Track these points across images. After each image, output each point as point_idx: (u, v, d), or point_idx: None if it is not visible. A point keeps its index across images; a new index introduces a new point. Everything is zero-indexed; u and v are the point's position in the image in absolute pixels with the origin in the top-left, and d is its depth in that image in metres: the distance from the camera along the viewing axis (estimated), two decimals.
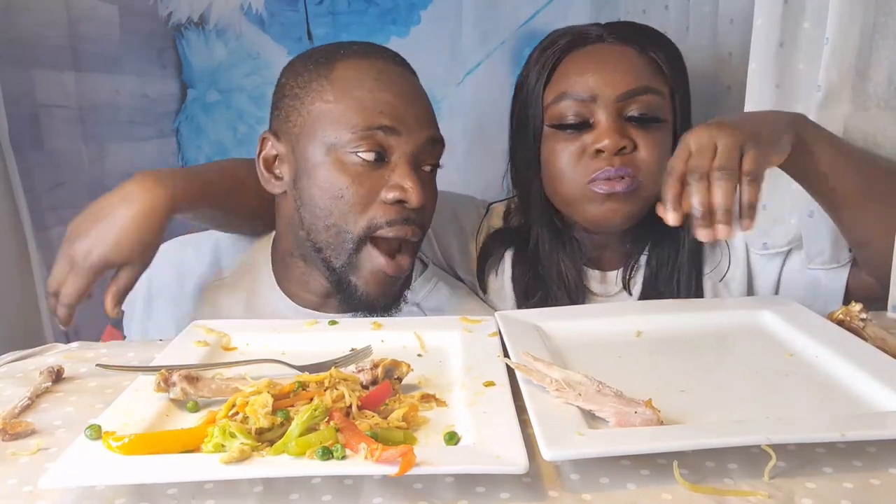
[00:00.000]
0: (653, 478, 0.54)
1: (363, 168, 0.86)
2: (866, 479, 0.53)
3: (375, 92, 0.87)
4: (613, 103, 0.96)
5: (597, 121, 0.97)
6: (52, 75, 1.58)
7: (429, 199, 0.89)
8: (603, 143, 0.95)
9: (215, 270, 1.01)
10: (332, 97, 0.88)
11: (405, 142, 0.86)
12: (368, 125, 0.85)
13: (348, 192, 0.86)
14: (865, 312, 0.77)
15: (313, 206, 0.88)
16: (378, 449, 0.52)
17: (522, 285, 1.06)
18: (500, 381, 0.66)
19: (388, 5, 1.71)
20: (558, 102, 0.99)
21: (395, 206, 0.86)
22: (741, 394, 0.65)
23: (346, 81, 0.88)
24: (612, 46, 1.00)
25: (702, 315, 0.83)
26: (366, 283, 0.88)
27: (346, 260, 0.88)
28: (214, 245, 1.04)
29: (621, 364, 0.71)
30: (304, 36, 1.72)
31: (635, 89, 0.96)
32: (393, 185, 0.85)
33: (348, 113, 0.86)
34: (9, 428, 0.62)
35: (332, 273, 0.90)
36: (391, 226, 0.86)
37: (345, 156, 0.86)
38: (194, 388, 0.64)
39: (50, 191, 1.54)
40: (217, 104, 1.75)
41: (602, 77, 0.97)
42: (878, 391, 0.62)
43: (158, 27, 1.69)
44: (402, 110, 0.87)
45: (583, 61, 0.99)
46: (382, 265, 0.87)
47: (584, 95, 0.97)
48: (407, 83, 0.91)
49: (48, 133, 1.57)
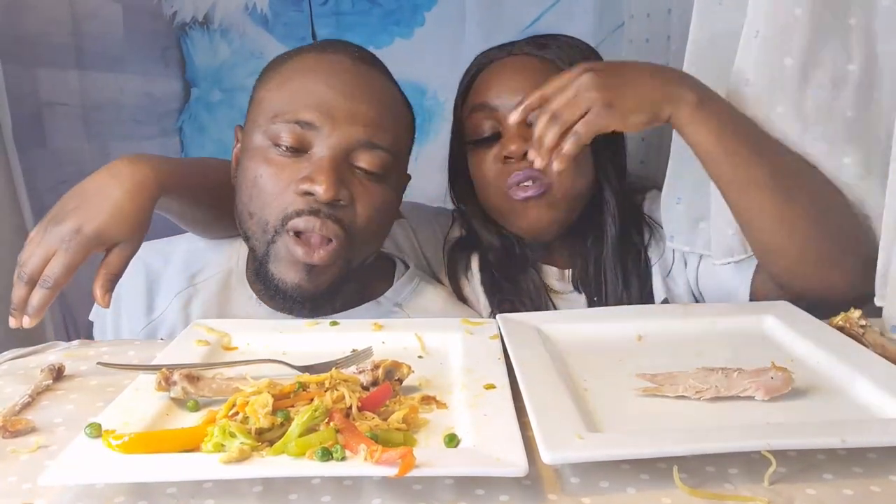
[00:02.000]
0: (653, 482, 0.54)
1: (283, 158, 0.85)
2: (867, 486, 0.53)
3: (310, 85, 0.86)
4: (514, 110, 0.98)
5: (504, 129, 0.99)
6: (55, 73, 1.59)
7: (360, 201, 0.86)
8: (508, 150, 0.98)
9: (187, 276, 0.99)
10: (272, 86, 0.89)
11: (327, 136, 0.84)
12: (289, 117, 0.85)
13: (263, 180, 0.85)
14: (865, 319, 0.77)
15: (240, 193, 0.89)
16: (378, 450, 0.52)
17: (489, 287, 1.07)
18: (500, 384, 0.66)
19: (392, 6, 1.72)
20: (471, 115, 1.03)
21: (305, 198, 0.84)
22: (741, 399, 0.65)
23: (289, 73, 0.88)
24: (515, 59, 1.05)
25: (703, 320, 0.83)
26: (281, 270, 0.86)
27: (266, 249, 0.86)
28: (185, 251, 1.02)
29: (622, 368, 0.71)
30: (309, 36, 1.72)
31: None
32: (304, 177, 0.83)
33: (278, 103, 0.86)
34: (9, 425, 0.62)
35: (255, 262, 0.90)
36: (300, 216, 0.84)
37: (267, 145, 0.86)
38: (195, 387, 0.64)
39: (53, 189, 1.55)
40: (220, 103, 1.76)
41: (503, 87, 1.01)
42: (878, 397, 0.62)
43: (162, 26, 1.69)
44: (332, 105, 0.85)
45: (488, 76, 1.04)
46: (297, 252, 0.84)
47: (490, 106, 1.01)
48: (355, 80, 0.88)
49: (52, 131, 1.57)
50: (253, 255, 0.90)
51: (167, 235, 1.05)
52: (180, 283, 0.98)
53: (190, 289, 0.98)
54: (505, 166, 0.99)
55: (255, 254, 0.89)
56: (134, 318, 0.99)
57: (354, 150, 0.86)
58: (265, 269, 0.87)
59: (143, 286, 0.99)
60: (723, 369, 0.65)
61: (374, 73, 0.91)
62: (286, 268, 0.86)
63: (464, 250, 1.11)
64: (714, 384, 0.63)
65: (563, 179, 0.99)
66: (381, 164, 0.87)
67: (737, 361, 0.67)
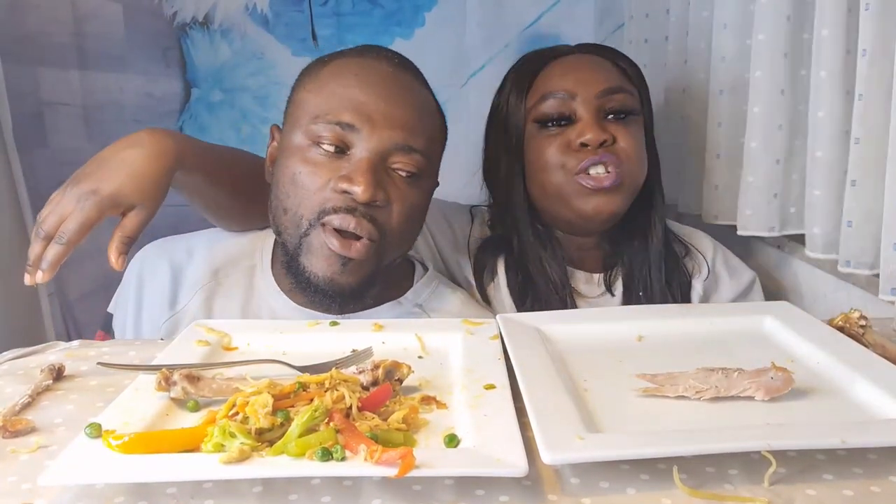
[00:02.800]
0: (652, 482, 0.54)
1: (322, 158, 0.87)
2: (867, 487, 0.53)
3: (349, 87, 0.88)
4: (593, 99, 1.03)
5: (578, 117, 1.04)
6: (57, 73, 1.59)
7: (395, 203, 0.87)
8: (587, 137, 1.01)
9: (210, 271, 0.99)
10: (312, 87, 0.90)
11: (366, 139, 0.86)
12: (330, 118, 0.86)
13: (302, 178, 0.87)
14: (864, 319, 0.77)
15: (276, 190, 0.90)
16: (378, 450, 0.52)
17: (516, 290, 1.08)
18: (500, 384, 0.66)
19: (393, 7, 1.71)
20: (542, 103, 1.06)
21: (342, 196, 0.85)
22: (741, 399, 0.65)
23: (330, 76, 0.90)
24: (585, 56, 1.10)
25: (703, 320, 0.83)
26: (313, 263, 0.87)
27: (298, 242, 0.88)
28: (208, 246, 1.02)
29: (622, 368, 0.71)
30: (309, 37, 1.72)
31: (612, 87, 1.05)
32: (343, 176, 0.85)
33: (319, 104, 0.88)
34: (9, 425, 0.62)
35: (286, 256, 0.90)
36: (337, 213, 0.85)
37: (307, 145, 0.88)
38: (195, 387, 0.64)
39: (53, 189, 1.55)
40: (221, 104, 1.75)
41: (581, 77, 1.05)
42: (878, 398, 0.62)
43: (163, 26, 1.69)
44: (372, 108, 0.86)
45: (561, 67, 1.08)
46: (332, 244, 0.85)
47: (566, 94, 1.04)
48: (393, 85, 0.90)
49: (52, 131, 1.57)
50: (284, 249, 0.91)
51: (179, 234, 1.06)
52: (203, 276, 0.99)
53: (213, 283, 0.99)
54: (578, 152, 1.02)
55: (286, 248, 0.90)
56: (156, 311, 0.99)
57: (391, 153, 0.87)
58: (297, 262, 0.88)
59: (167, 279, 0.99)
60: (723, 369, 0.65)
61: (411, 78, 0.93)
62: (319, 261, 0.87)
63: (490, 252, 1.12)
64: (714, 384, 0.63)
65: (633, 168, 1.04)
66: (416, 166, 0.89)
67: (737, 362, 0.67)
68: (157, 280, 0.99)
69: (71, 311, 1.56)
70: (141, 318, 1.00)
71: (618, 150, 1.03)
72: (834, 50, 1.01)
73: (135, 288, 1.00)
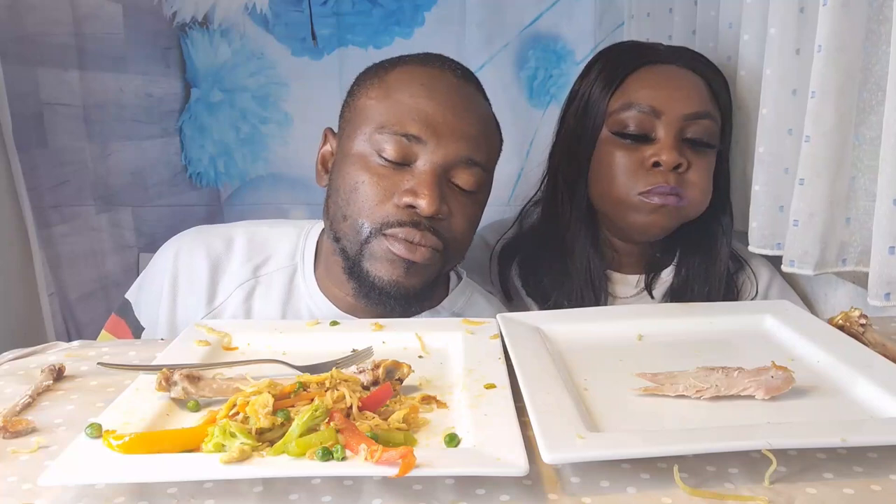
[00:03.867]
0: (653, 482, 0.54)
1: (385, 168, 0.87)
2: (867, 485, 0.53)
3: (416, 98, 0.87)
4: (678, 122, 1.01)
5: (658, 136, 1.02)
6: (56, 73, 1.59)
7: (457, 215, 0.88)
8: (663, 158, 1.00)
9: (250, 267, 0.97)
10: (376, 95, 0.90)
11: (432, 152, 0.86)
12: (396, 129, 0.86)
13: (364, 188, 0.87)
14: (865, 318, 0.77)
15: (336, 196, 0.90)
16: (378, 450, 0.52)
17: (538, 289, 1.09)
18: (500, 384, 0.66)
19: (393, 7, 1.71)
20: (624, 111, 1.03)
21: (407, 210, 0.86)
22: (742, 398, 0.65)
23: (394, 83, 0.90)
24: (680, 69, 1.06)
25: (703, 319, 0.83)
26: (377, 267, 0.87)
27: (359, 249, 0.88)
28: (247, 239, 1.00)
29: (622, 367, 0.71)
30: (309, 36, 1.72)
31: (699, 112, 1.02)
32: (408, 190, 0.85)
33: (384, 113, 0.88)
34: (9, 426, 0.62)
35: (347, 261, 0.90)
36: (402, 226, 0.85)
37: (370, 153, 0.87)
38: (195, 387, 0.64)
39: (53, 189, 1.55)
40: (221, 104, 1.75)
41: (671, 95, 1.02)
42: (878, 396, 0.62)
43: (163, 26, 1.69)
44: (439, 121, 0.86)
45: (654, 77, 1.04)
46: (397, 249, 0.86)
47: (651, 109, 1.01)
48: (458, 97, 0.90)
49: (52, 131, 1.57)
50: (344, 255, 0.90)
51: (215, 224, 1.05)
52: (244, 273, 0.97)
53: (252, 280, 0.97)
54: (650, 171, 1.01)
55: (346, 253, 0.89)
56: (192, 304, 0.97)
57: (454, 166, 0.88)
58: (359, 267, 0.88)
59: (206, 271, 0.97)
60: (723, 368, 0.65)
61: (474, 90, 0.94)
62: (383, 265, 0.87)
63: (506, 257, 1.13)
64: (714, 383, 0.63)
65: (697, 199, 1.04)
66: (477, 180, 0.89)
67: (737, 361, 0.67)
68: (195, 271, 0.97)
69: (71, 311, 1.56)
70: (175, 310, 0.97)
71: (687, 179, 1.02)
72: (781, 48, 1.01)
73: (170, 277, 0.97)
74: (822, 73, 0.92)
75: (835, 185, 0.95)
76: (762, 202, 1.08)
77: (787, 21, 1.01)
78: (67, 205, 1.59)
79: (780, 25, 1.01)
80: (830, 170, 0.94)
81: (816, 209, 0.96)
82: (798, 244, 0.99)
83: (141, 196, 1.71)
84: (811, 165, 0.95)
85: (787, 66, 1.01)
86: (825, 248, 0.97)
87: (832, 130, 0.93)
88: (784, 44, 1.01)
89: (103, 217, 1.66)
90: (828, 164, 0.94)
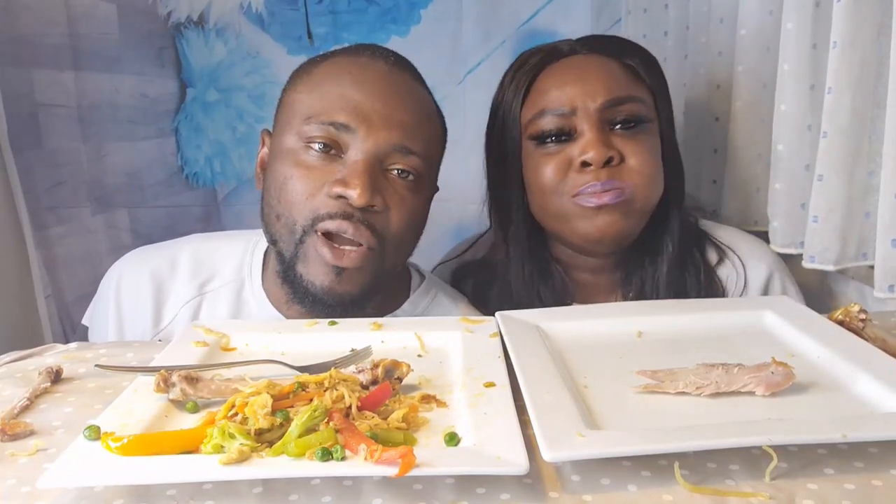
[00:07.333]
0: (654, 479, 0.54)
1: (315, 160, 0.84)
2: (868, 480, 0.53)
3: (343, 87, 0.85)
4: (596, 113, 0.93)
5: (580, 132, 0.93)
6: (51, 74, 1.58)
7: (394, 209, 0.84)
8: (588, 155, 0.91)
9: (195, 285, 0.95)
10: (304, 88, 0.88)
11: (362, 140, 0.83)
12: (323, 118, 0.83)
13: (294, 182, 0.84)
14: (864, 313, 0.77)
15: (268, 196, 0.87)
16: (378, 450, 0.51)
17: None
18: (500, 382, 0.65)
19: (389, 4, 1.71)
20: (538, 119, 0.95)
21: (338, 201, 0.82)
22: (742, 394, 0.65)
23: (322, 75, 0.87)
24: (588, 57, 0.98)
25: (703, 315, 0.83)
26: (310, 272, 0.84)
27: (294, 251, 0.85)
28: (191, 256, 0.97)
29: (622, 364, 0.71)
30: (304, 35, 1.72)
31: (617, 98, 0.94)
32: (338, 180, 0.82)
33: (311, 105, 0.85)
34: (7, 428, 0.62)
35: (282, 265, 0.87)
36: (332, 219, 0.82)
37: (299, 147, 0.85)
38: (194, 388, 0.64)
39: (49, 190, 1.54)
40: (216, 103, 1.75)
41: (582, 88, 0.94)
42: (879, 392, 0.62)
43: (158, 26, 1.69)
44: (368, 109, 0.83)
45: (560, 74, 0.97)
46: (325, 254, 0.82)
47: (565, 109, 0.94)
48: (391, 84, 0.86)
49: (47, 132, 1.57)
50: (280, 258, 0.87)
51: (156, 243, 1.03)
52: (189, 291, 0.95)
53: (198, 297, 0.95)
54: (579, 173, 0.93)
55: (282, 256, 0.87)
56: (139, 328, 0.95)
57: (389, 156, 0.84)
58: (293, 271, 0.85)
59: (150, 294, 0.95)
60: (723, 365, 0.65)
61: (409, 78, 0.90)
62: (316, 269, 0.84)
63: (460, 280, 1.08)
64: (714, 380, 0.63)
65: (643, 188, 0.93)
66: (414, 169, 0.86)
67: (737, 357, 0.67)
68: (139, 295, 0.95)
69: (68, 314, 1.56)
70: (123, 335, 0.96)
71: (624, 170, 0.93)
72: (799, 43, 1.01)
73: (114, 303, 0.96)
74: (837, 68, 0.92)
75: (852, 181, 0.95)
76: (782, 201, 1.06)
77: (803, 16, 1.00)
78: (63, 206, 1.58)
79: (797, 20, 1.00)
80: (848, 165, 0.94)
81: (835, 205, 0.96)
82: (818, 240, 0.98)
83: (137, 197, 1.71)
84: (829, 161, 0.95)
85: (804, 61, 1.01)
86: (845, 244, 0.97)
87: (848, 126, 0.93)
88: (801, 39, 1.00)
89: (99, 218, 1.65)
90: (845, 159, 0.94)
